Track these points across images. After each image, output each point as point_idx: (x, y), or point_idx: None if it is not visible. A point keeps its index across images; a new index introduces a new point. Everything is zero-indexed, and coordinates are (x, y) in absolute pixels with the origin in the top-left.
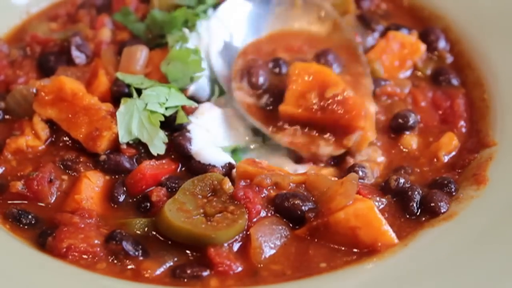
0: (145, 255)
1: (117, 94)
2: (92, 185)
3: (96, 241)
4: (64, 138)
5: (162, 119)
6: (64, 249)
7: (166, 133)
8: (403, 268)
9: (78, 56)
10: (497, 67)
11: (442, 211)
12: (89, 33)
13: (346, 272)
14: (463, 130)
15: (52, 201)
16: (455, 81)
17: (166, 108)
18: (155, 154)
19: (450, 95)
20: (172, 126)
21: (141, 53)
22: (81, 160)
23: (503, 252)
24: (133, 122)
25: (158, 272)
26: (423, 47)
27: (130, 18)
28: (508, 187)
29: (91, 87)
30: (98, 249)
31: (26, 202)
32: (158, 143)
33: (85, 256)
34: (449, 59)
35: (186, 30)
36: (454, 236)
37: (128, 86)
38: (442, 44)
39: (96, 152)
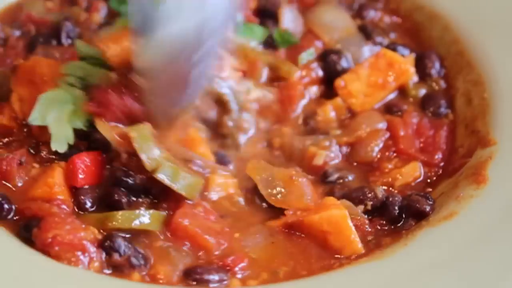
0: (148, 261)
1: None
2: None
3: (82, 234)
4: None
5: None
6: (50, 239)
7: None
8: (403, 268)
9: (68, 43)
10: (498, 66)
11: (427, 210)
12: (83, 16)
13: (344, 272)
14: (436, 162)
15: (20, 184)
16: (443, 110)
17: None
18: (54, 149)
19: (435, 125)
20: None
21: None
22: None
23: (503, 252)
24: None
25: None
26: (412, 69)
27: (125, 6)
28: (508, 187)
29: None
30: (85, 242)
31: None
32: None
33: (82, 258)
34: (442, 85)
35: None
36: (454, 236)
37: None
38: (435, 70)
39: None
